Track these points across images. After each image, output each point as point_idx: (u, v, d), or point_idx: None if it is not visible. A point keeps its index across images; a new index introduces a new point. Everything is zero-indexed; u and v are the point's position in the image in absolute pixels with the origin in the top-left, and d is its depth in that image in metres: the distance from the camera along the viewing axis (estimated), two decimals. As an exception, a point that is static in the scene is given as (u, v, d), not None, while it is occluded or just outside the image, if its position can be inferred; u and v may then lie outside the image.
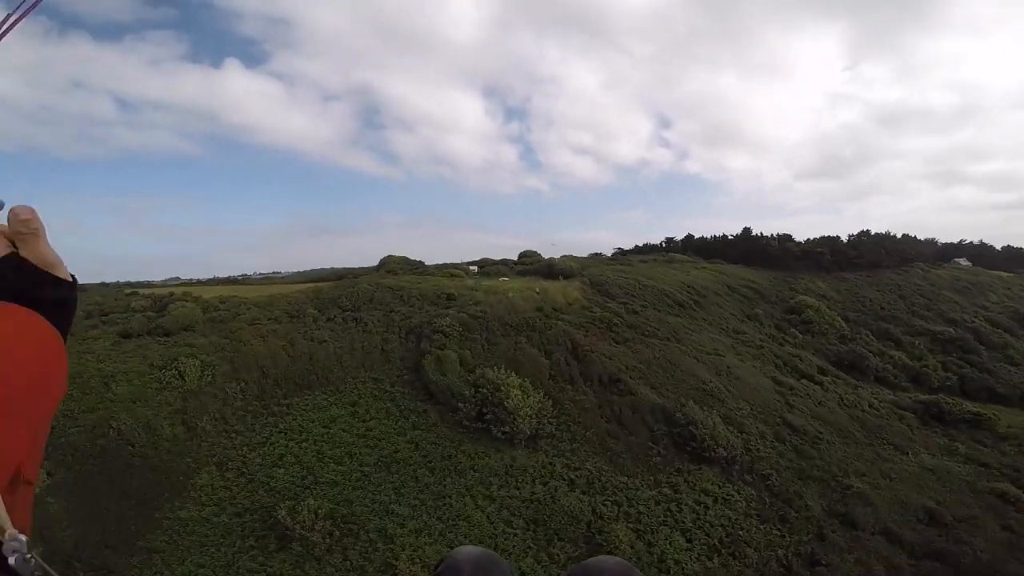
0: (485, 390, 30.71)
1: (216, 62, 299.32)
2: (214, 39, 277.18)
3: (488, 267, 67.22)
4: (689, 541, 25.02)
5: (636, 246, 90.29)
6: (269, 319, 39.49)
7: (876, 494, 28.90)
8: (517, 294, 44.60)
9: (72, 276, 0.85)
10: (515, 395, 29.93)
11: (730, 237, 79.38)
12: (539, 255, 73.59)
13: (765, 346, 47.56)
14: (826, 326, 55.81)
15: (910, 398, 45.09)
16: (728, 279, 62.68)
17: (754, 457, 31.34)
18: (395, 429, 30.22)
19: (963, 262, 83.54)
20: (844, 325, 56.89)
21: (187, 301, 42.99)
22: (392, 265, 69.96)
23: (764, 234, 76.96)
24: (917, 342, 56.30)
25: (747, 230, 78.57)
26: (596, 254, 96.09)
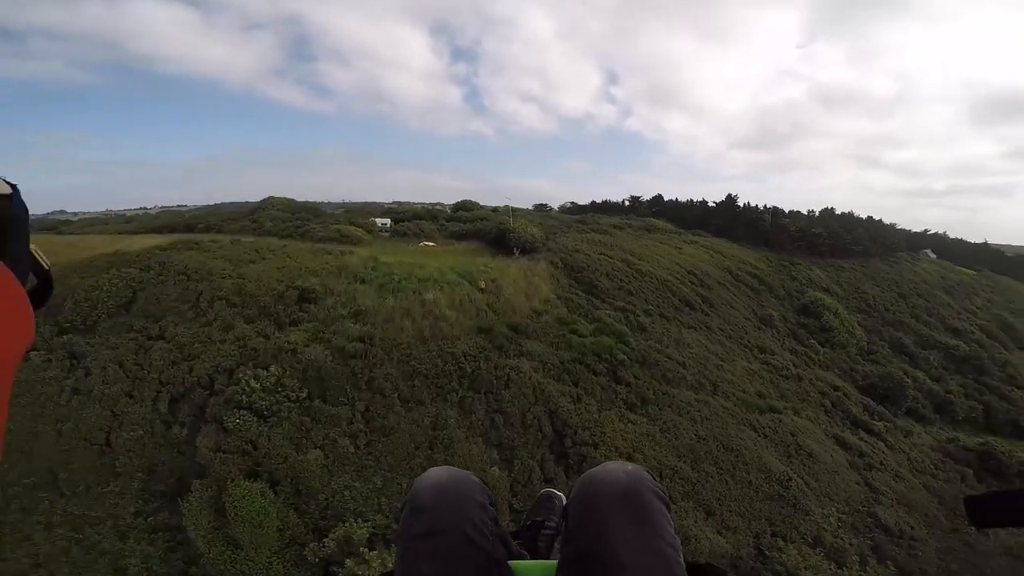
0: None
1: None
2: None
3: (407, 222, 46.41)
4: None
5: (594, 202, 73.25)
6: None
7: None
8: (444, 290, 25.52)
9: (9, 184, 0.65)
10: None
11: (711, 204, 64.99)
12: (481, 207, 53.84)
13: (803, 376, 33.65)
14: (846, 335, 43.64)
15: (953, 442, 34.19)
16: (728, 262, 48.12)
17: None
18: None
19: (931, 254, 77.30)
20: (863, 335, 45.27)
21: None
22: (268, 213, 46.82)
23: (752, 204, 63.49)
24: (932, 358, 46.35)
25: (731, 198, 64.57)
26: (542, 206, 78.03)
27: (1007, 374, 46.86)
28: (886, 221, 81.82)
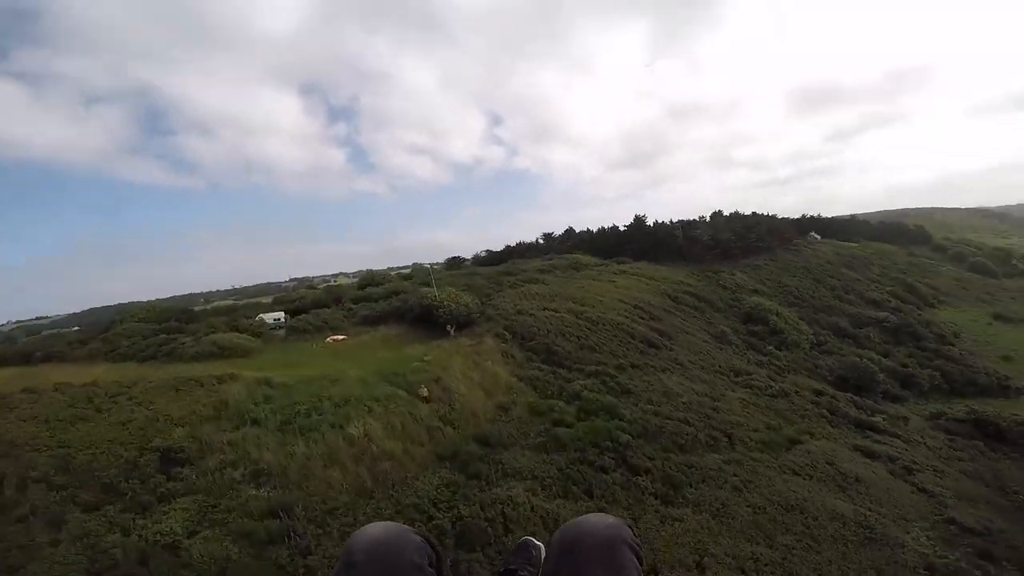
0: None
1: None
2: None
3: (305, 313, 38.39)
4: None
5: (508, 247, 69.73)
6: None
7: None
8: (375, 411, 18.72)
9: None
10: None
11: (622, 228, 64.28)
12: (391, 278, 47.19)
13: (787, 390, 30.84)
14: (795, 333, 42.78)
15: (941, 417, 33.44)
16: (662, 285, 45.99)
17: None
18: None
19: (816, 236, 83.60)
20: (807, 328, 44.85)
21: None
22: (126, 328, 36.72)
23: (662, 222, 63.83)
24: (871, 335, 47.22)
25: (640, 219, 64.49)
26: (455, 259, 72.86)
27: (936, 334, 49.08)
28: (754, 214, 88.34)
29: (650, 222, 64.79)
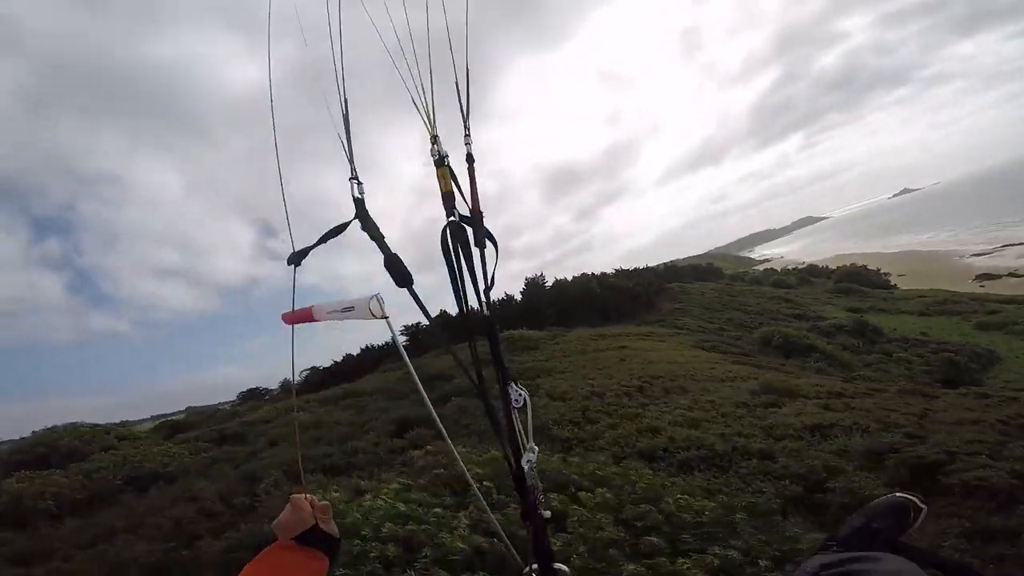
0: None
1: None
2: None
3: None
4: None
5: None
6: None
7: None
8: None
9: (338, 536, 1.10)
10: None
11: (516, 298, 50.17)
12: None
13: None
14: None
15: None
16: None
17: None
18: None
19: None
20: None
21: None
22: None
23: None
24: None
25: (537, 281, 51.34)
26: (252, 391, 48.45)
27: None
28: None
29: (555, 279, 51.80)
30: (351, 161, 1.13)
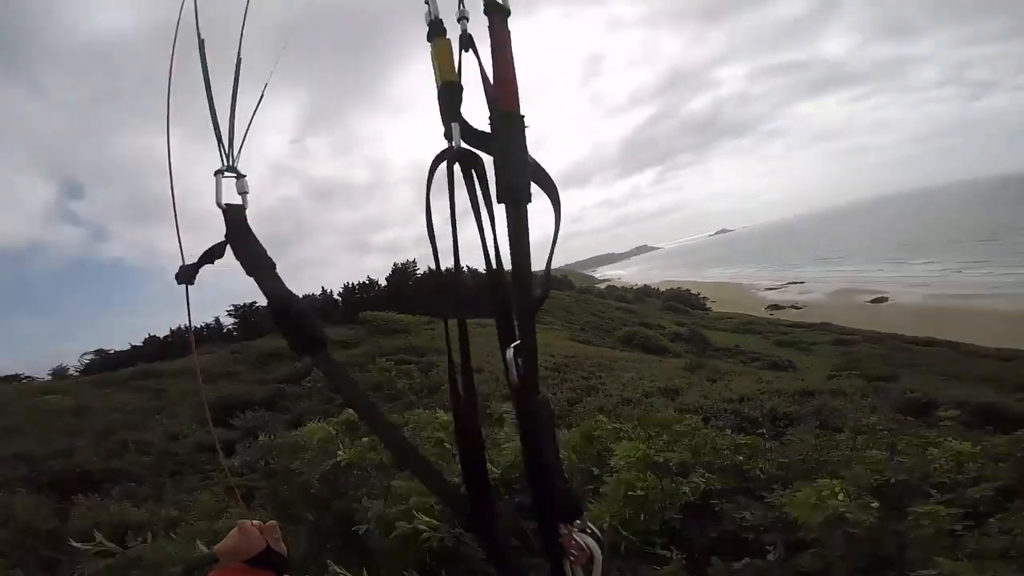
0: None
1: None
2: None
3: None
4: None
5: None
6: None
7: None
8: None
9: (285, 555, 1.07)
10: None
11: (382, 284, 47.67)
12: None
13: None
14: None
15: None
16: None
17: None
18: None
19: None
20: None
21: None
22: None
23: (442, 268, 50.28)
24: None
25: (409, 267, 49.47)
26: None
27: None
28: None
29: (429, 268, 50.18)
30: (220, 140, 0.76)
